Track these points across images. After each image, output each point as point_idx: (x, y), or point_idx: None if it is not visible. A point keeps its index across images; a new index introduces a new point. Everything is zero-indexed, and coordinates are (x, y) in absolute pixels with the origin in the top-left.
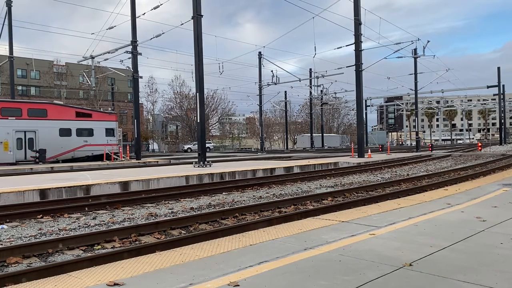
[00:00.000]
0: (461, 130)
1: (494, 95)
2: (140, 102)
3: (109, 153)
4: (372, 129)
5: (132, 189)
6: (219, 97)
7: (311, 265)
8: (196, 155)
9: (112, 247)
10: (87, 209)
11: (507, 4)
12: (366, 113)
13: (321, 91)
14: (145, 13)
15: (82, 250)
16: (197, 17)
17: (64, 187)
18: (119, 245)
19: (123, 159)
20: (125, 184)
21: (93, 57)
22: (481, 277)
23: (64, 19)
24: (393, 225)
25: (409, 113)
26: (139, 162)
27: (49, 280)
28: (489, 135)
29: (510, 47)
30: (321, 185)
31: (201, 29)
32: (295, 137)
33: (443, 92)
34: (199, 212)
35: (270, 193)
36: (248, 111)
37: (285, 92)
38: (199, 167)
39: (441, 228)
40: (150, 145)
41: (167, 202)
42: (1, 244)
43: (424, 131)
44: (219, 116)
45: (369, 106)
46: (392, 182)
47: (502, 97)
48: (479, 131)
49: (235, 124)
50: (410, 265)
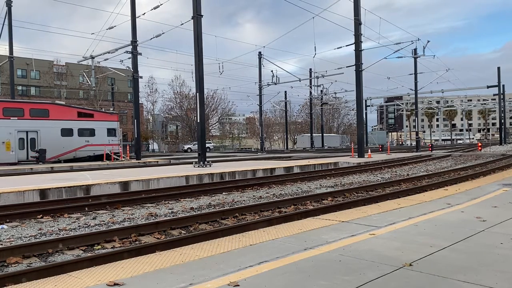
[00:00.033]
0: (461, 130)
1: (494, 95)
2: (140, 102)
3: (109, 153)
4: (372, 129)
5: (132, 189)
6: (219, 97)
7: (311, 265)
8: (196, 155)
9: (112, 247)
10: (87, 209)
11: (507, 4)
12: (366, 113)
13: (321, 91)
14: (145, 13)
15: (82, 250)
16: (197, 17)
17: (64, 187)
18: (119, 245)
19: (123, 159)
20: (125, 184)
21: (93, 57)
22: (481, 277)
23: (64, 19)
24: (393, 225)
25: (409, 113)
26: (139, 162)
27: (49, 280)
28: (489, 135)
29: (510, 47)
30: (321, 185)
31: (201, 29)
32: (295, 137)
33: (443, 92)
34: (199, 212)
35: (270, 193)
36: (248, 111)
37: (285, 92)
38: (199, 167)
39: (441, 228)
40: (150, 145)
41: (167, 202)
42: (1, 244)
43: (424, 131)
44: (219, 116)
45: (369, 106)
46: (392, 182)
47: (502, 97)
48: (479, 131)
49: (235, 124)
50: (410, 265)
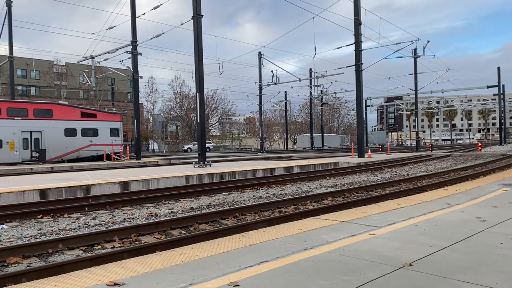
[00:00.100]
0: (461, 130)
1: (494, 95)
2: (140, 102)
3: (109, 153)
4: (372, 129)
5: (132, 189)
6: (219, 97)
7: (311, 265)
8: (196, 155)
9: (112, 247)
10: (87, 209)
11: (507, 4)
12: (366, 113)
13: (321, 91)
14: (145, 13)
15: (82, 250)
16: (197, 17)
17: (64, 187)
18: (119, 245)
19: (123, 159)
20: (125, 184)
21: (93, 57)
22: (481, 277)
23: (64, 19)
24: (393, 225)
25: (409, 113)
26: (139, 162)
27: (49, 280)
28: (489, 135)
29: (510, 47)
30: (321, 185)
31: (201, 29)
32: (295, 137)
33: (443, 92)
34: (199, 212)
35: (270, 193)
36: (248, 111)
37: (285, 92)
38: (199, 167)
39: (441, 228)
40: (150, 145)
41: (167, 202)
42: (1, 244)
43: (424, 131)
44: (219, 116)
45: (369, 106)
46: (392, 182)
47: (502, 97)
48: (479, 131)
49: (235, 124)
50: (410, 265)
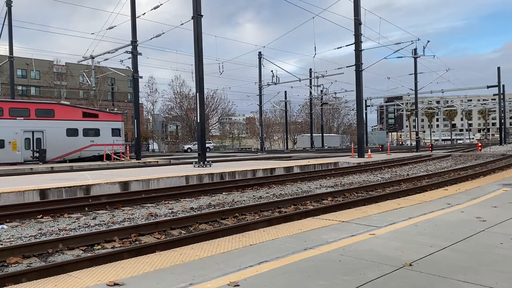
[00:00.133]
0: (461, 130)
1: (494, 95)
2: (140, 102)
3: (109, 153)
4: (372, 129)
5: (132, 189)
6: (219, 97)
7: (311, 265)
8: (196, 155)
9: (112, 247)
10: (87, 209)
11: (507, 4)
12: (366, 113)
13: (321, 91)
14: (145, 13)
15: (82, 250)
16: (197, 17)
17: (64, 187)
18: (119, 245)
19: (123, 159)
20: (125, 184)
21: (93, 57)
22: (481, 277)
23: (64, 19)
24: (393, 225)
25: (409, 113)
26: (139, 162)
27: (49, 280)
28: (489, 135)
29: (510, 47)
30: (321, 185)
31: (201, 29)
32: (295, 137)
33: (443, 92)
34: (199, 212)
35: (270, 193)
36: (248, 111)
37: (285, 92)
38: (199, 167)
39: (441, 228)
40: (150, 145)
41: (167, 202)
42: (1, 244)
43: (424, 131)
44: (219, 116)
45: (369, 106)
46: (392, 182)
47: (502, 97)
48: (479, 131)
49: (235, 124)
50: (410, 265)
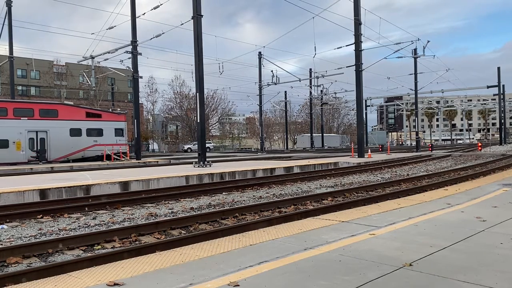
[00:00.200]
0: (461, 130)
1: (494, 95)
2: (140, 102)
3: (109, 153)
4: (372, 129)
5: (132, 189)
6: (219, 97)
7: (311, 265)
8: (196, 155)
9: (112, 247)
10: (87, 209)
11: (507, 4)
12: (366, 113)
13: (321, 91)
14: (145, 13)
15: (82, 250)
16: (197, 17)
17: (64, 187)
18: (119, 245)
19: (123, 159)
20: (125, 184)
21: (93, 57)
22: (481, 277)
23: (64, 19)
24: (393, 225)
25: (409, 113)
26: (139, 162)
27: (49, 280)
28: (489, 135)
29: (510, 47)
30: (321, 185)
31: (201, 29)
32: (295, 137)
33: (443, 92)
34: (199, 212)
35: (270, 193)
36: (248, 111)
37: (285, 92)
38: (199, 167)
39: (441, 228)
40: (150, 145)
41: (167, 202)
42: (1, 244)
43: (424, 131)
44: (219, 116)
45: (369, 106)
46: (392, 182)
47: (502, 97)
48: (479, 131)
49: (235, 124)
50: (410, 265)
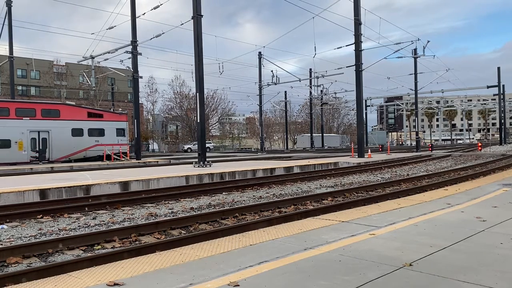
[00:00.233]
0: (461, 130)
1: (494, 95)
2: (140, 102)
3: (109, 153)
4: (372, 129)
5: (132, 189)
6: (219, 97)
7: (311, 265)
8: (196, 155)
9: (112, 247)
10: (87, 209)
11: (507, 4)
12: (366, 113)
13: (321, 91)
14: (145, 13)
15: (82, 250)
16: (197, 17)
17: (64, 187)
18: (119, 245)
19: (123, 159)
20: (125, 184)
21: (93, 57)
22: (481, 277)
23: (64, 19)
24: (393, 225)
25: (409, 113)
26: (139, 162)
27: (49, 280)
28: (489, 135)
29: (510, 47)
30: (321, 185)
31: (201, 29)
32: (295, 137)
33: (443, 92)
34: (199, 212)
35: (270, 193)
36: (248, 111)
37: (285, 92)
38: (199, 167)
39: (441, 228)
40: (150, 145)
41: (167, 202)
42: (1, 244)
43: (424, 131)
44: (219, 116)
45: (369, 106)
46: (392, 182)
47: (502, 97)
48: (479, 131)
49: (235, 124)
50: (410, 265)
